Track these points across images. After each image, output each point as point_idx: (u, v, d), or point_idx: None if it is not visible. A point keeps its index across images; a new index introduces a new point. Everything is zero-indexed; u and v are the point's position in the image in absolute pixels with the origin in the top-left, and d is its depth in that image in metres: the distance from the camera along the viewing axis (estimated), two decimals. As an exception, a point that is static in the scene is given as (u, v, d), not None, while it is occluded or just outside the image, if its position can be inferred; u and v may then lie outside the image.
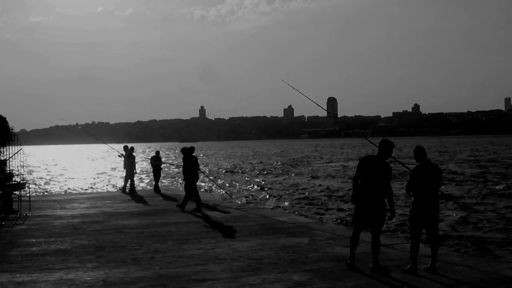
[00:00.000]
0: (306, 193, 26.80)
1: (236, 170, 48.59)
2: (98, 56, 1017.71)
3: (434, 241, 7.37)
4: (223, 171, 47.58)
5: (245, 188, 31.29)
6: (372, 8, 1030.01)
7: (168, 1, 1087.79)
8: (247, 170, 48.57)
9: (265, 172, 44.53)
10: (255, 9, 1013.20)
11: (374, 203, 7.25)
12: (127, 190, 19.99)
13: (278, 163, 58.85)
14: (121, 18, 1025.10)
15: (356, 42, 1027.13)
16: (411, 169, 7.44)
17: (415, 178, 7.25)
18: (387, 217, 7.35)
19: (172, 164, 44.42)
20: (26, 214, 13.70)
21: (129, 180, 20.13)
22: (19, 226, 11.92)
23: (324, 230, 10.89)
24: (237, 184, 34.19)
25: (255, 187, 31.54)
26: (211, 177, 30.43)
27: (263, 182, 34.43)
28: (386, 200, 7.35)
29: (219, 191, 27.70)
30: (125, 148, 20.37)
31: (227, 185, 33.11)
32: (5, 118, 18.69)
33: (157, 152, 20.78)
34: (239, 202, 20.32)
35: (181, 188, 23.59)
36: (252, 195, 27.27)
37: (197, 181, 15.16)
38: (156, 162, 20.49)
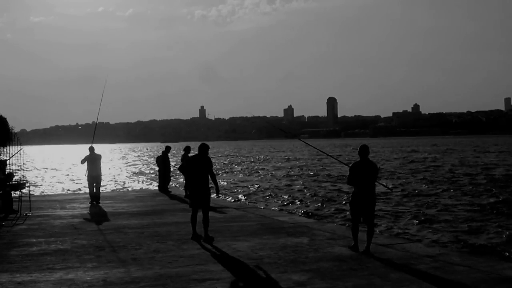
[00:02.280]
0: (306, 193, 26.81)
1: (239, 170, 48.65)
2: (98, 56, 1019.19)
3: (370, 226, 8.60)
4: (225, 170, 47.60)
5: (245, 187, 31.29)
6: (372, 8, 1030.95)
7: (169, 1, 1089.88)
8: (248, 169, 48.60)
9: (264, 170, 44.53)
10: (255, 9, 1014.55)
11: (202, 191, 9.70)
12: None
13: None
14: (122, 18, 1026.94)
15: (356, 42, 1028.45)
16: (350, 165, 8.65)
17: (353, 172, 8.47)
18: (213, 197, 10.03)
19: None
20: (26, 214, 13.70)
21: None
22: (19, 226, 11.91)
23: (324, 230, 10.88)
24: (239, 184, 34.19)
25: (255, 186, 31.53)
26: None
27: (262, 183, 34.43)
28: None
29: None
30: (90, 149, 16.62)
31: (227, 185, 33.12)
32: (5, 118, 18.70)
33: (168, 148, 20.29)
34: (239, 202, 20.31)
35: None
36: (252, 195, 27.26)
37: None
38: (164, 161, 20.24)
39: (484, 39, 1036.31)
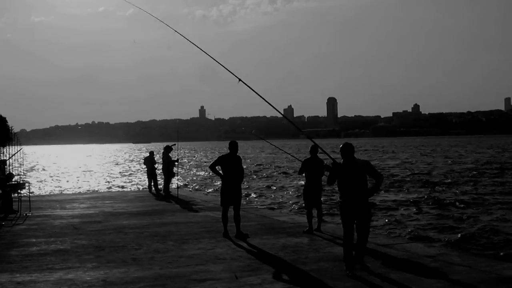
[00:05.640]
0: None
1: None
2: (99, 56, 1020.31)
3: (319, 210, 10.52)
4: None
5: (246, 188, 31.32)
6: (373, 8, 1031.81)
7: (170, 1, 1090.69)
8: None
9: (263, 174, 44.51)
10: (257, 9, 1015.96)
11: (235, 188, 9.95)
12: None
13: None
14: (122, 18, 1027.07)
15: (357, 42, 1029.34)
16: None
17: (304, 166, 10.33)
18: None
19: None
20: (26, 214, 13.70)
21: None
22: (19, 226, 11.92)
23: (324, 230, 10.87)
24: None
25: (254, 186, 31.53)
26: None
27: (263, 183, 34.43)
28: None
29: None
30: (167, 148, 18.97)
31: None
32: (5, 118, 18.71)
33: (151, 153, 20.51)
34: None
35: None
36: (252, 195, 27.27)
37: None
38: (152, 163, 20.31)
39: (484, 39, 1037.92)
